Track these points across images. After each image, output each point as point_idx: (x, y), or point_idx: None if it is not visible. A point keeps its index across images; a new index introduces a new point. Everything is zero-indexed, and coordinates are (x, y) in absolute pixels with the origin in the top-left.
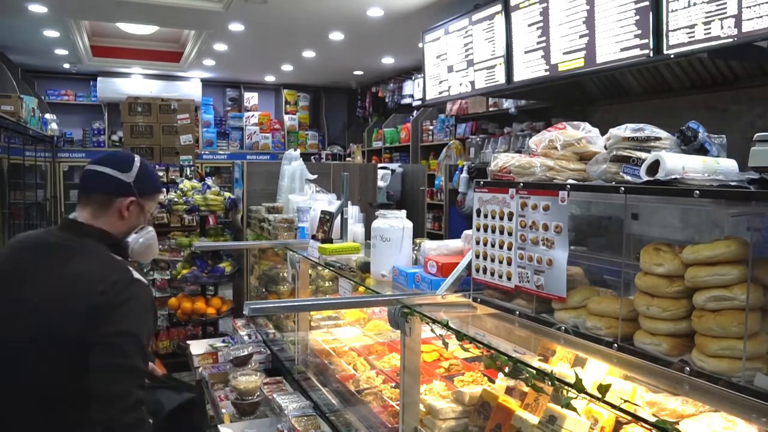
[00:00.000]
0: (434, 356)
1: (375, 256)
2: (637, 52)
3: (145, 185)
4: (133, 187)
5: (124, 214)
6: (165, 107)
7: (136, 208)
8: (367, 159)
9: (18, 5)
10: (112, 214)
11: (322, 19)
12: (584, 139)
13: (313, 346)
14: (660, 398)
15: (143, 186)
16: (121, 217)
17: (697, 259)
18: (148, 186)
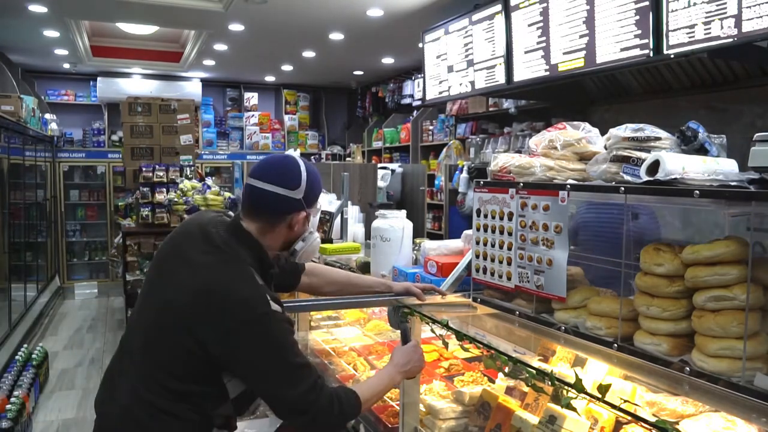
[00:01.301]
0: (434, 356)
1: (375, 256)
2: (637, 52)
3: (312, 195)
4: (303, 203)
5: (294, 228)
6: (165, 107)
7: (305, 220)
8: (367, 159)
9: (18, 5)
10: (282, 229)
11: (322, 19)
12: (584, 139)
13: (313, 346)
14: (660, 398)
15: (311, 197)
16: (291, 230)
17: (697, 259)
18: (315, 195)
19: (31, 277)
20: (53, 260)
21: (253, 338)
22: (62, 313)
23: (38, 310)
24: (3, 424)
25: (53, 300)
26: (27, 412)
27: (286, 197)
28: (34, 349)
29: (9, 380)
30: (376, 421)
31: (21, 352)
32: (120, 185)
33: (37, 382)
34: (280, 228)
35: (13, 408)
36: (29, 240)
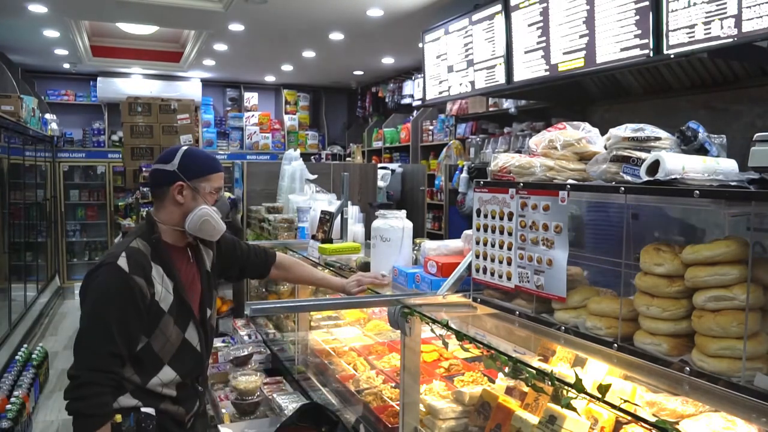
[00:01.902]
0: (434, 356)
1: (375, 256)
2: (637, 52)
3: (191, 169)
4: (179, 174)
5: (178, 199)
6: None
7: (189, 192)
8: (367, 159)
9: (18, 5)
10: (169, 203)
11: (322, 19)
12: (584, 139)
13: (313, 346)
14: (660, 398)
15: (189, 170)
16: (177, 204)
17: (697, 259)
18: (195, 169)
19: (31, 277)
20: (53, 260)
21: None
22: (62, 313)
23: (38, 310)
24: (3, 424)
25: (53, 300)
26: (27, 412)
27: (161, 170)
28: (34, 349)
29: (9, 380)
30: (376, 421)
31: (21, 352)
32: (120, 185)
33: (37, 382)
34: (167, 203)
35: (13, 408)
36: (29, 240)
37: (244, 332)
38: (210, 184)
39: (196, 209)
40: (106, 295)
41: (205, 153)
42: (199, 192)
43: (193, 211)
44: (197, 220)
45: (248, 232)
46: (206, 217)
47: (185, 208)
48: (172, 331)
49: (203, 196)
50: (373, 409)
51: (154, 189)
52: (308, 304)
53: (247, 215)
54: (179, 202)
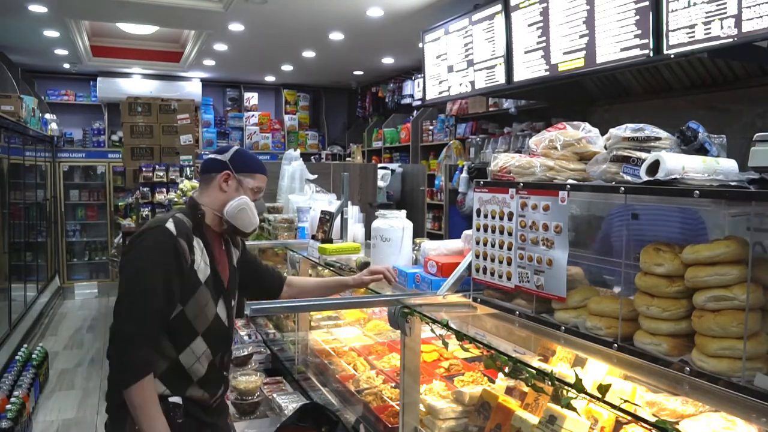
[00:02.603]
0: (434, 356)
1: (375, 256)
2: (637, 52)
3: (240, 164)
4: (229, 164)
5: (222, 187)
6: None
7: (234, 183)
8: (367, 159)
9: (18, 5)
10: (214, 189)
11: (322, 19)
12: (584, 139)
13: (313, 346)
14: (660, 398)
15: (238, 164)
16: (221, 191)
17: (697, 259)
18: (244, 165)
19: (31, 277)
20: (53, 260)
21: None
22: (62, 313)
23: (38, 310)
24: (3, 424)
25: (53, 300)
26: (27, 412)
27: (214, 159)
28: (34, 349)
29: (9, 380)
30: (376, 421)
31: (21, 352)
32: (120, 185)
33: (37, 382)
34: (212, 189)
35: (13, 408)
36: (29, 240)
37: (244, 332)
38: (254, 182)
39: (237, 198)
40: (153, 253)
41: (257, 157)
42: (242, 185)
43: (234, 199)
44: (236, 207)
45: None
46: (244, 206)
47: (227, 196)
48: (207, 302)
49: (245, 190)
50: (373, 409)
51: (203, 174)
52: (308, 304)
53: None
54: (223, 190)
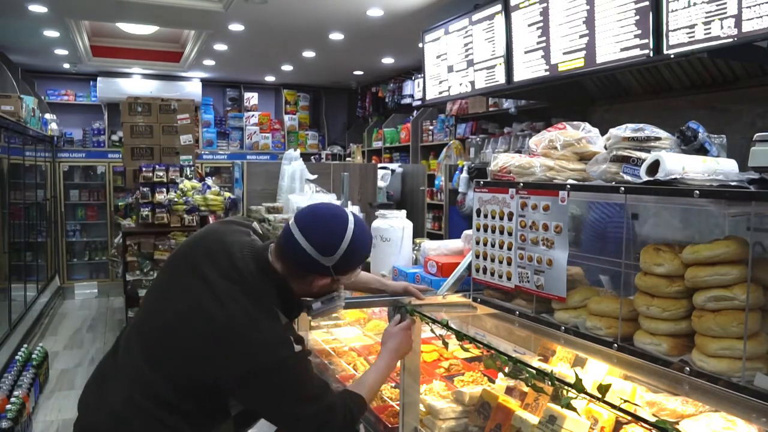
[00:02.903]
0: (434, 356)
1: (375, 256)
2: (637, 52)
3: (346, 266)
4: (332, 271)
5: (315, 287)
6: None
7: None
8: (367, 159)
9: (18, 5)
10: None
11: (322, 19)
12: (584, 139)
13: (313, 346)
14: (660, 398)
15: (344, 267)
16: (312, 288)
17: (697, 259)
18: (351, 265)
19: (31, 277)
20: (53, 260)
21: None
22: (62, 313)
23: (38, 310)
24: (3, 424)
25: (53, 300)
26: (27, 412)
27: (314, 259)
28: (34, 349)
29: (9, 380)
30: (376, 421)
31: (21, 352)
32: (120, 185)
33: (37, 382)
34: (302, 281)
35: (13, 408)
36: (29, 240)
37: None
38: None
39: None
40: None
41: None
42: (338, 283)
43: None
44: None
45: None
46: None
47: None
48: None
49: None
50: (373, 409)
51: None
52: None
53: (247, 215)
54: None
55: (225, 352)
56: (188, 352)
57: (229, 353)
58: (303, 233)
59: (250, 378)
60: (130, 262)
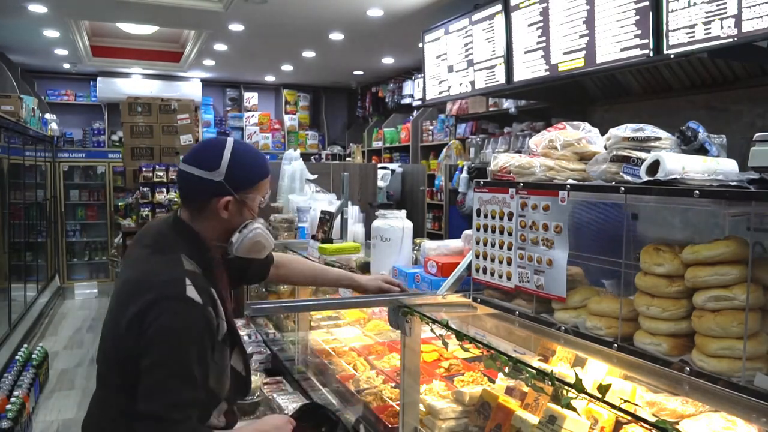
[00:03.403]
0: (434, 356)
1: (375, 256)
2: (637, 52)
3: (240, 179)
4: (226, 185)
5: (222, 215)
6: (165, 107)
7: (236, 207)
8: (367, 159)
9: (18, 5)
10: (210, 217)
11: (322, 19)
12: (584, 139)
13: (313, 346)
14: (660, 398)
15: (238, 181)
16: (220, 219)
17: (697, 259)
18: (244, 179)
19: (31, 277)
20: (53, 260)
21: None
22: (62, 313)
23: (38, 310)
24: (3, 424)
25: (53, 300)
26: (27, 412)
27: (203, 179)
28: (34, 349)
29: (9, 380)
30: (376, 421)
31: (21, 352)
32: (120, 185)
33: (37, 382)
34: (209, 215)
35: (13, 408)
36: (29, 240)
37: (244, 332)
38: (259, 194)
39: (248, 228)
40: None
41: (254, 152)
42: (246, 205)
43: (243, 231)
44: (249, 242)
45: None
46: (259, 237)
47: (230, 224)
48: (226, 362)
49: (250, 210)
50: (373, 409)
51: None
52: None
53: None
54: (223, 216)
55: (126, 302)
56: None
57: (129, 302)
58: (186, 161)
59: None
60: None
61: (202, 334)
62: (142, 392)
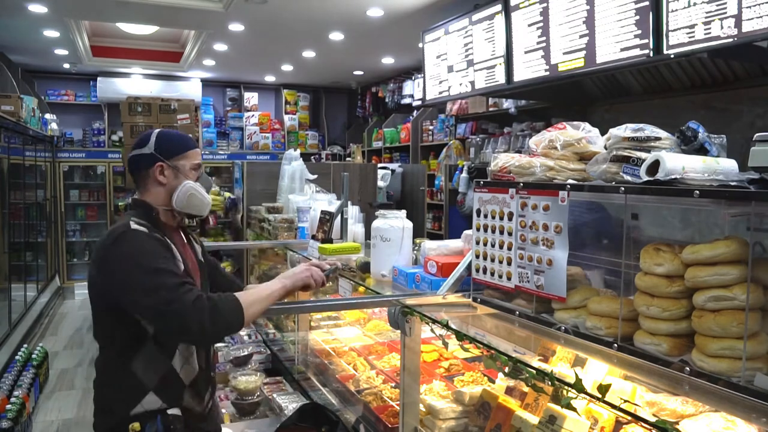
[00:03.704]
0: (434, 356)
1: (375, 256)
2: (637, 52)
3: (168, 148)
4: (157, 155)
5: (160, 180)
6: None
7: (170, 171)
8: (367, 159)
9: (18, 5)
10: (152, 185)
11: (322, 19)
12: (584, 139)
13: (313, 346)
14: (660, 398)
15: (165, 150)
16: (160, 184)
17: (697, 259)
18: (172, 148)
19: (31, 277)
20: (53, 260)
21: (115, 254)
22: (62, 313)
23: (38, 310)
24: (3, 424)
25: (53, 300)
26: (27, 412)
27: (139, 155)
28: (34, 349)
29: (9, 380)
30: (376, 421)
31: (21, 352)
32: (120, 185)
33: (37, 382)
34: (151, 185)
35: (13, 408)
36: (29, 240)
37: (244, 332)
38: (189, 161)
39: (181, 186)
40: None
41: (178, 132)
42: (179, 170)
43: (178, 188)
44: (183, 195)
45: (248, 232)
46: (191, 191)
47: (169, 187)
48: None
49: (185, 174)
50: (373, 409)
51: (136, 175)
52: (308, 304)
53: (247, 215)
54: (162, 183)
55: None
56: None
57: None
58: (130, 151)
59: (102, 261)
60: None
61: (155, 246)
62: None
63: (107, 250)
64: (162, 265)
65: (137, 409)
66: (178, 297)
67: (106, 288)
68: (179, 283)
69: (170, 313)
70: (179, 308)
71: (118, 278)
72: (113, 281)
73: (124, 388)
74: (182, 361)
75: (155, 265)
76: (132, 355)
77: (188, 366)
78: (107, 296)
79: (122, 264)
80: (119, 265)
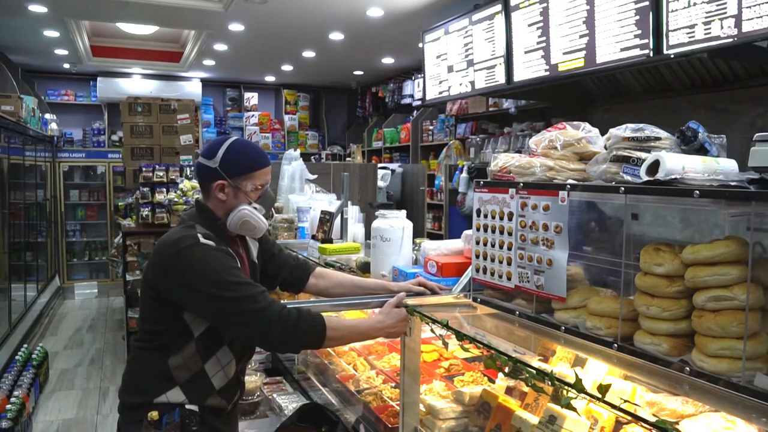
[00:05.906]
0: (434, 356)
1: (375, 256)
2: (637, 52)
3: (233, 167)
4: (220, 171)
5: (220, 197)
6: (165, 107)
7: (231, 190)
8: (367, 159)
9: (18, 5)
10: (213, 198)
11: (322, 19)
12: (584, 139)
13: None
14: (660, 398)
15: (230, 169)
16: (220, 201)
17: (697, 259)
18: (237, 167)
19: (31, 277)
20: (53, 260)
21: (183, 267)
22: (62, 313)
23: (38, 310)
24: (3, 424)
25: (53, 300)
26: (27, 412)
27: (204, 166)
28: (34, 349)
29: (9, 380)
30: (376, 421)
31: (21, 352)
32: (120, 185)
33: (37, 382)
34: (211, 197)
35: (13, 408)
36: (29, 240)
37: None
38: (253, 182)
39: (237, 209)
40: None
41: (251, 147)
42: (240, 190)
43: (234, 211)
44: (237, 220)
45: None
46: (246, 218)
47: (227, 206)
48: None
49: (245, 194)
50: (373, 409)
51: (199, 181)
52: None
53: None
54: (221, 200)
55: (151, 263)
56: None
57: (153, 262)
58: (200, 153)
59: (166, 269)
60: (130, 262)
61: (224, 257)
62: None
63: (172, 261)
64: (236, 278)
65: (161, 399)
66: (261, 309)
67: (168, 296)
68: (260, 291)
69: (254, 325)
70: (265, 320)
71: (187, 291)
72: (182, 293)
73: (155, 377)
74: (217, 368)
75: (230, 278)
76: (172, 352)
77: (222, 373)
78: (165, 302)
79: (194, 278)
80: (191, 278)
